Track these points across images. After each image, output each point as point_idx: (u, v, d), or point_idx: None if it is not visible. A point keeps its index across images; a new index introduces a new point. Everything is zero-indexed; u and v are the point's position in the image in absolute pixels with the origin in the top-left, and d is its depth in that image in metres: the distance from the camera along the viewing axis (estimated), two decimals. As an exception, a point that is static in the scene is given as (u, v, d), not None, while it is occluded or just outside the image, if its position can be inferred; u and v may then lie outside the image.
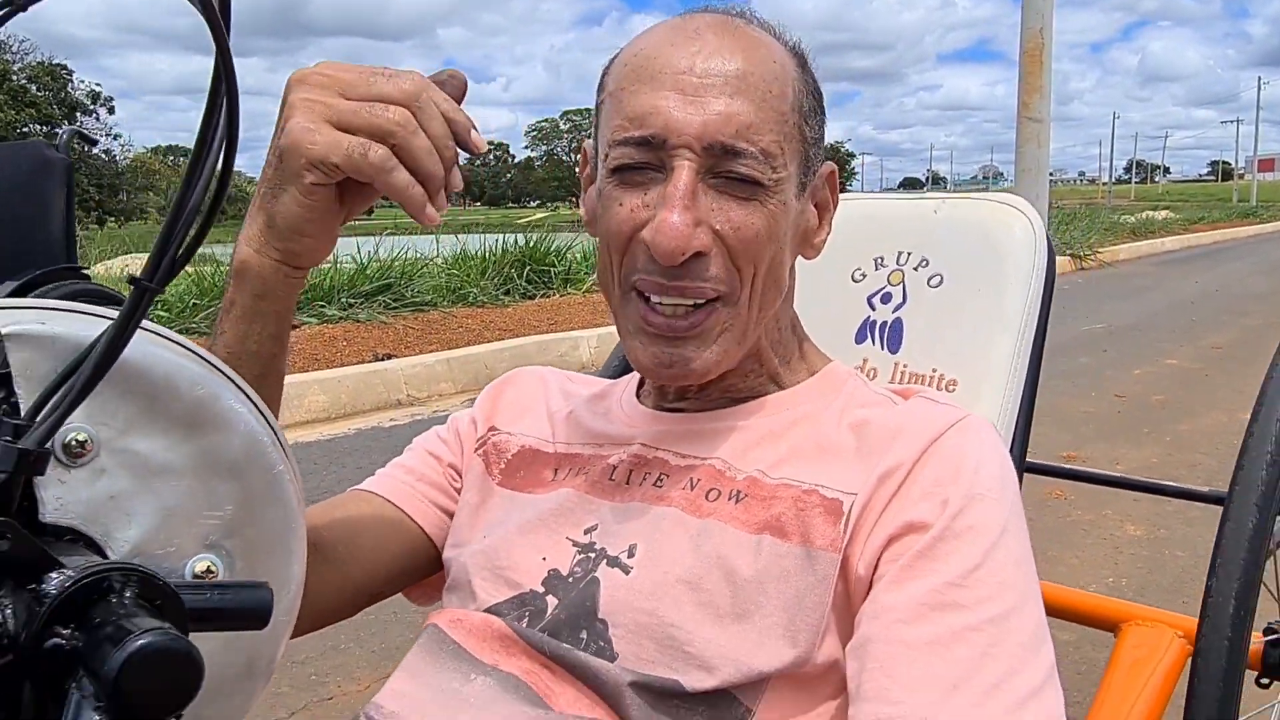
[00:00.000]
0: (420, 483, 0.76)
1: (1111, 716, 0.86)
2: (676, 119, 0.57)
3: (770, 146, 0.59)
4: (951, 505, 0.56)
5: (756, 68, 0.60)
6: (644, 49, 0.61)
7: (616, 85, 0.61)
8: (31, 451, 0.41)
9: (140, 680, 0.35)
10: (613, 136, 0.60)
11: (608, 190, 0.61)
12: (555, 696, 0.57)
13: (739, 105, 0.58)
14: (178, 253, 0.45)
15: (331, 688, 1.77)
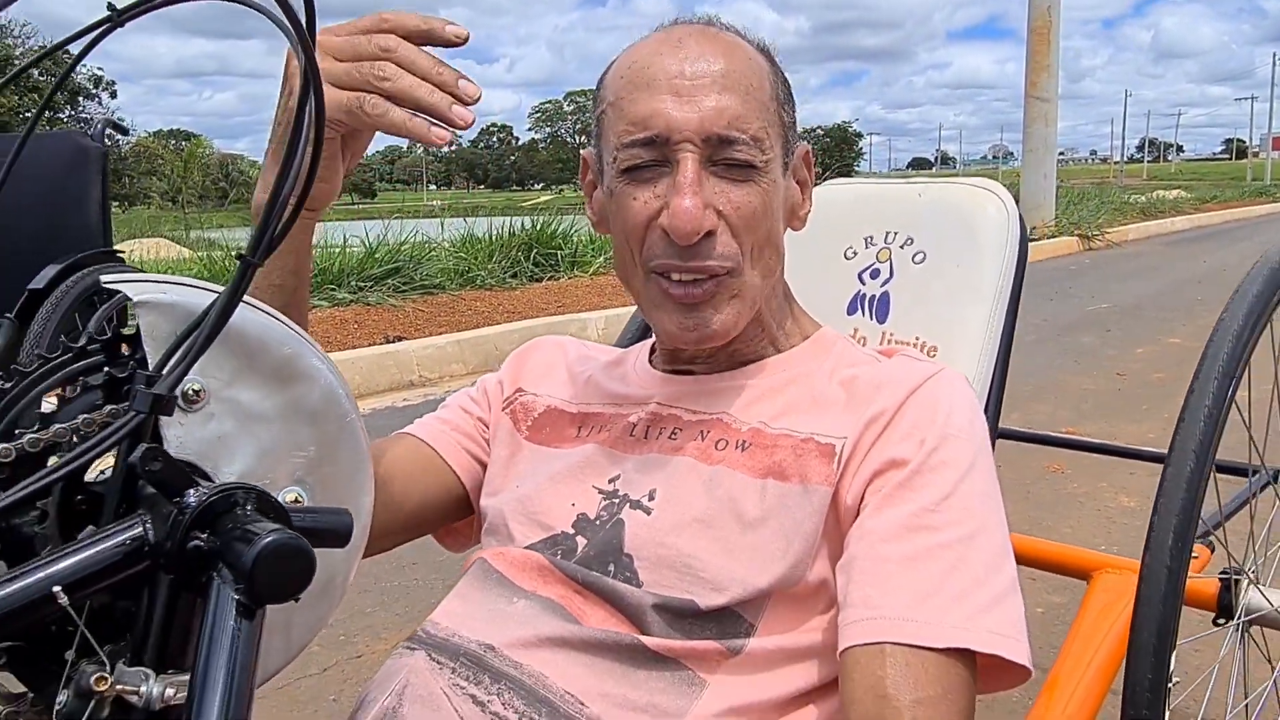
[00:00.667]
0: (455, 432, 0.85)
1: (1080, 654, 0.95)
2: (676, 118, 0.66)
3: (758, 132, 0.67)
4: (927, 444, 0.65)
5: (737, 66, 0.68)
6: (636, 60, 0.69)
7: (616, 95, 0.69)
8: (163, 397, 0.51)
9: (269, 570, 0.45)
10: (619, 141, 0.68)
11: (620, 189, 0.69)
12: (587, 616, 0.66)
13: (727, 100, 0.66)
14: (273, 234, 0.54)
15: (360, 646, 1.88)
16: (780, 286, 0.78)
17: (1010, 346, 0.89)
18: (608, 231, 0.74)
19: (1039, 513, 2.66)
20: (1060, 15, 10.50)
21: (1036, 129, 10.62)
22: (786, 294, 0.79)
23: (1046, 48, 10.43)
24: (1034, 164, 10.70)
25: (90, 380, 0.55)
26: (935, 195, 0.95)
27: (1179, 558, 0.71)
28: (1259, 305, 0.79)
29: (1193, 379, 0.76)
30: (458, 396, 0.89)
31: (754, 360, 0.76)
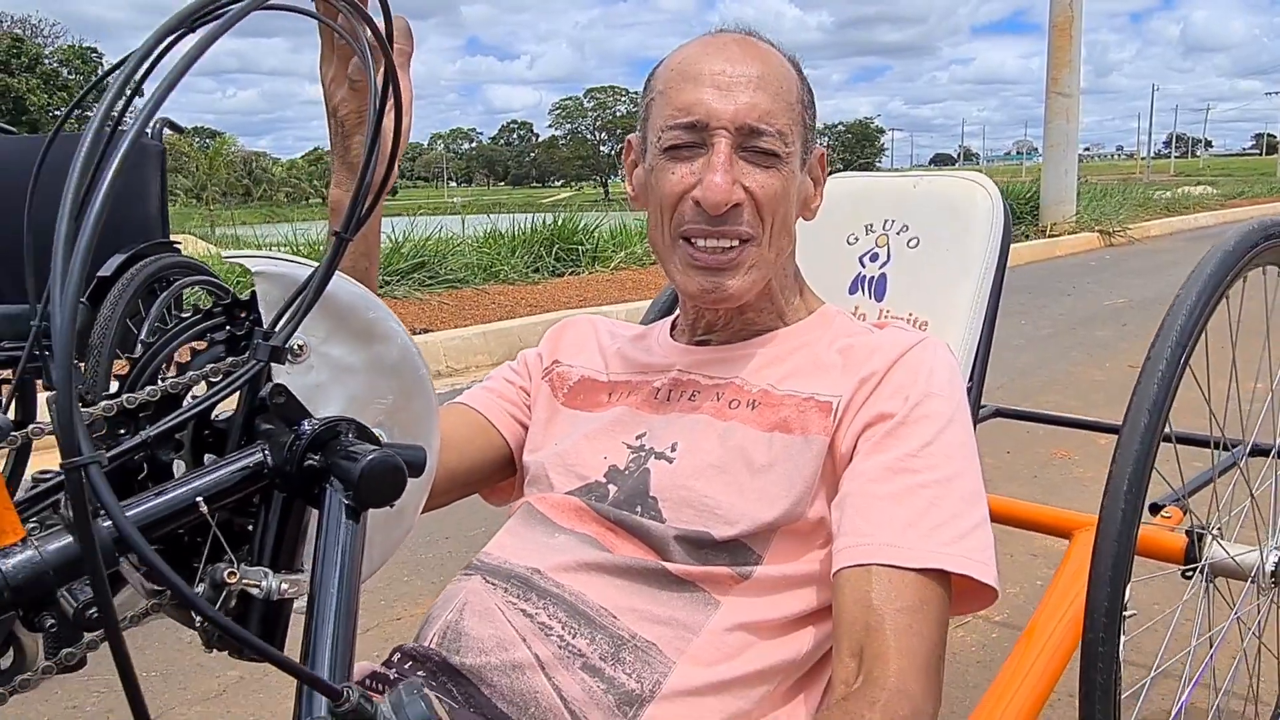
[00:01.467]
0: (500, 399, 0.96)
1: (1057, 606, 1.04)
2: (715, 108, 0.77)
3: (783, 128, 0.78)
4: (911, 400, 0.75)
5: (771, 71, 0.79)
6: (686, 57, 0.81)
7: (665, 85, 0.81)
8: (279, 348, 0.62)
9: (372, 480, 0.56)
10: (665, 124, 0.79)
11: (660, 164, 0.80)
12: (618, 547, 0.77)
13: (760, 97, 0.77)
14: (361, 214, 0.66)
15: (399, 610, 2.01)
16: (791, 267, 0.89)
17: (994, 320, 1.00)
18: (643, 206, 0.85)
19: (1046, 496, 2.73)
20: (1082, 10, 10.46)
21: (1058, 124, 10.59)
22: (796, 274, 0.90)
23: (1068, 43, 10.41)
24: (1055, 160, 10.68)
25: (215, 337, 0.67)
26: (928, 187, 1.06)
27: (1131, 508, 0.81)
28: (1212, 283, 0.88)
29: (1151, 346, 0.86)
30: (500, 370, 1.01)
31: (764, 332, 0.87)
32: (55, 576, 0.53)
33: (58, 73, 41.57)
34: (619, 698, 0.68)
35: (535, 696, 0.69)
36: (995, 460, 2.90)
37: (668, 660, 0.70)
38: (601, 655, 0.70)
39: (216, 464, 0.62)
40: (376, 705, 0.42)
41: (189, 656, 1.78)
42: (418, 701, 0.42)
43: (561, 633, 0.71)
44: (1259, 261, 0.98)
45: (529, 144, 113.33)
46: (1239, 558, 1.03)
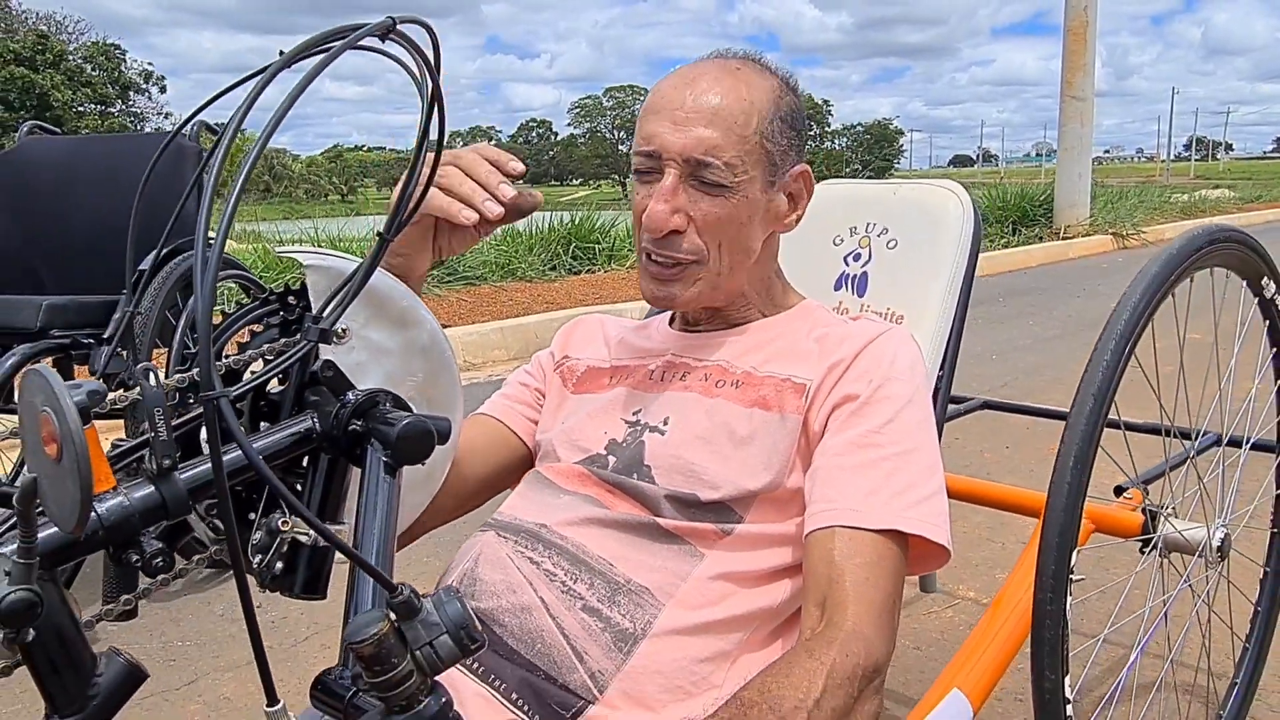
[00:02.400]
0: (517, 403, 1.06)
1: (1023, 578, 1.13)
2: (667, 141, 0.86)
3: (731, 159, 0.86)
4: (874, 382, 0.85)
5: (731, 105, 0.87)
6: (661, 88, 0.90)
7: (642, 112, 0.91)
8: (327, 331, 0.73)
9: (407, 441, 0.67)
10: (635, 148, 0.90)
11: (634, 184, 0.91)
12: (615, 505, 0.88)
13: (709, 133, 0.85)
14: (402, 218, 0.76)
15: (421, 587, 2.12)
16: (770, 269, 0.98)
17: (965, 314, 1.09)
18: None
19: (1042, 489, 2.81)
20: (1097, 14, 10.46)
21: (1072, 128, 10.61)
22: (777, 274, 1.00)
23: (1083, 47, 10.41)
24: (1069, 163, 10.69)
25: (271, 321, 0.78)
26: (906, 193, 1.16)
27: (1076, 488, 0.91)
28: (1155, 282, 0.98)
29: (1099, 338, 0.96)
30: (515, 374, 1.10)
31: (746, 323, 0.97)
32: (140, 520, 0.64)
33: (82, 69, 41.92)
34: (614, 635, 0.78)
35: (540, 634, 0.79)
36: (994, 455, 2.98)
37: (658, 603, 0.80)
38: (599, 598, 0.80)
39: (272, 430, 0.73)
40: (423, 601, 0.52)
41: (221, 628, 1.89)
42: (455, 602, 0.52)
43: (564, 579, 0.81)
44: (1205, 264, 1.07)
45: (548, 142, 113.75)
46: (1188, 534, 1.12)
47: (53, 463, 0.52)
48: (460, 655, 0.51)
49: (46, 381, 0.52)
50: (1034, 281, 7.50)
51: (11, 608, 0.54)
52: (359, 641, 0.51)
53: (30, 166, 2.39)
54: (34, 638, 0.56)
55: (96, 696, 0.60)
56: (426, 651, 0.51)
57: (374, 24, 0.59)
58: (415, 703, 0.52)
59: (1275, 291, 1.21)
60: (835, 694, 0.66)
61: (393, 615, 0.52)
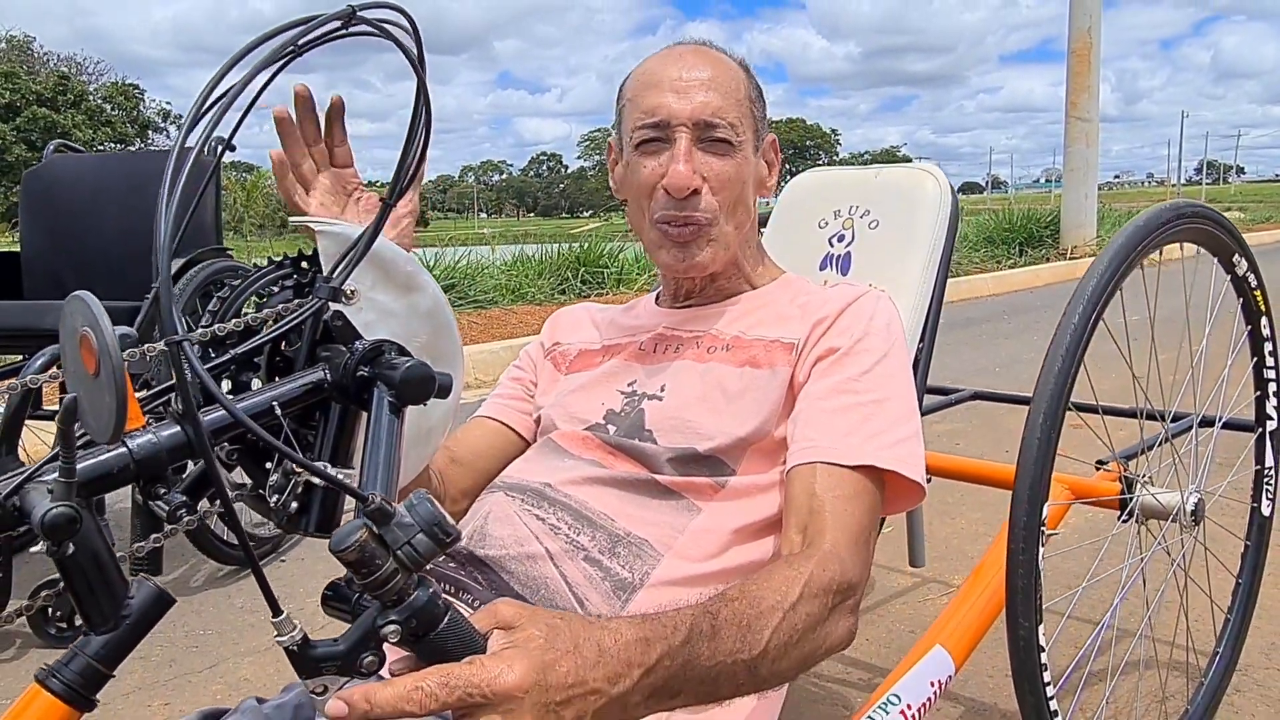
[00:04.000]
0: (511, 400, 1.11)
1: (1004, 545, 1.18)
2: (675, 108, 0.92)
3: (734, 120, 0.94)
4: (854, 336, 0.91)
5: (720, 74, 0.95)
6: (648, 68, 0.97)
7: (633, 93, 0.97)
8: (338, 289, 0.79)
9: (410, 382, 0.72)
10: (635, 124, 0.95)
11: (634, 160, 0.96)
12: (616, 466, 0.92)
13: (712, 96, 0.93)
14: (403, 185, 0.82)
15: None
16: (754, 240, 1.04)
17: (945, 286, 1.15)
18: (625, 195, 1.01)
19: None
20: (1100, 37, 10.57)
21: (1077, 149, 10.68)
22: (760, 247, 1.06)
23: (1087, 69, 10.51)
24: (1075, 184, 10.76)
25: (285, 284, 0.84)
26: (887, 177, 1.22)
27: (1048, 431, 0.95)
28: (1122, 253, 1.02)
29: (1066, 306, 1.01)
30: (506, 372, 1.16)
31: (734, 295, 1.02)
32: (168, 456, 0.69)
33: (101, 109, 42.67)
34: (614, 584, 0.83)
35: (545, 581, 0.84)
36: (994, 458, 3.00)
37: (657, 554, 0.85)
38: (600, 549, 0.85)
39: (286, 380, 0.78)
40: (396, 507, 0.57)
41: (241, 619, 1.94)
42: (425, 503, 0.57)
43: (568, 532, 0.86)
44: (1174, 238, 1.12)
45: (558, 175, 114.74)
46: (1163, 498, 1.16)
47: (91, 378, 0.58)
48: (437, 549, 0.56)
49: (86, 305, 0.59)
50: (1040, 300, 7.53)
51: (54, 521, 0.59)
52: (342, 549, 0.56)
53: (58, 181, 2.49)
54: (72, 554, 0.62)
55: (129, 616, 0.66)
56: (406, 550, 0.56)
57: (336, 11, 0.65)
58: (405, 596, 0.57)
59: (1247, 269, 1.25)
60: (810, 602, 0.71)
61: (369, 523, 0.57)
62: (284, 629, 0.64)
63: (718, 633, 0.64)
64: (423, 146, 0.82)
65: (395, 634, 0.60)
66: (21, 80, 37.66)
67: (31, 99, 37.56)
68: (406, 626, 0.60)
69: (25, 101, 37.23)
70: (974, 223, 11.54)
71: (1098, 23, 10.63)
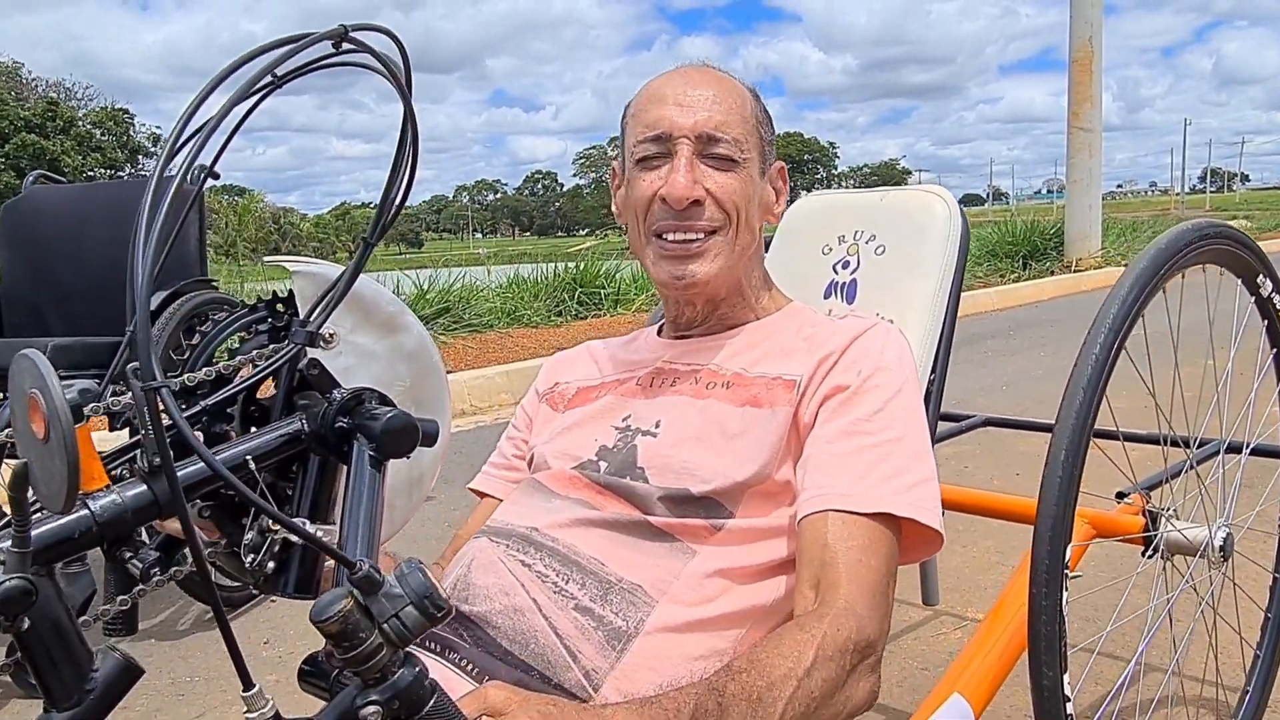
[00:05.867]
0: (505, 472, 1.05)
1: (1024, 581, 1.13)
2: (677, 121, 0.89)
3: (739, 136, 0.90)
4: (863, 373, 0.86)
5: (725, 93, 0.92)
6: (651, 86, 0.94)
7: (635, 110, 0.94)
8: (314, 333, 0.74)
9: (392, 435, 0.67)
10: (636, 139, 0.92)
11: (634, 176, 0.92)
12: (606, 507, 0.87)
13: (716, 111, 0.90)
14: (385, 222, 0.78)
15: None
16: (759, 268, 1.00)
17: (955, 314, 1.10)
18: (627, 219, 0.97)
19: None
20: (1102, 46, 10.54)
21: (1080, 160, 10.63)
22: (765, 275, 1.01)
23: (1089, 79, 10.47)
24: (1078, 195, 10.70)
25: (259, 328, 0.79)
26: (893, 200, 1.17)
27: (1069, 466, 0.90)
28: (1144, 277, 0.98)
29: (1085, 335, 0.96)
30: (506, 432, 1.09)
31: (737, 325, 0.97)
32: (134, 518, 0.64)
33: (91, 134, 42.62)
34: (608, 634, 0.78)
35: (535, 635, 0.79)
36: (1005, 481, 2.95)
37: (651, 600, 0.79)
38: (591, 597, 0.80)
39: (262, 431, 0.73)
40: (385, 576, 0.52)
41: (229, 665, 1.88)
42: (417, 573, 0.52)
43: (556, 579, 0.81)
44: (1197, 260, 1.08)
45: (553, 193, 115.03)
46: (1189, 533, 1.11)
47: (41, 443, 0.53)
48: (427, 624, 0.51)
49: (34, 364, 0.53)
50: (1045, 314, 7.49)
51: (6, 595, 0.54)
52: (324, 620, 0.51)
53: (38, 213, 2.44)
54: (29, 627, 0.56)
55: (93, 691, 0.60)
56: (394, 624, 0.51)
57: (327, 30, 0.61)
58: (389, 674, 0.52)
59: (1272, 290, 1.21)
60: (826, 666, 0.66)
61: (355, 591, 0.52)
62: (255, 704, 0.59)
63: (725, 711, 0.59)
64: (409, 179, 0.77)
65: (376, 716, 0.54)
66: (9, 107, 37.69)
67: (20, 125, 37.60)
68: (388, 708, 0.55)
69: (13, 128, 37.27)
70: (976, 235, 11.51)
71: (1099, 32, 10.61)
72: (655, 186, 0.90)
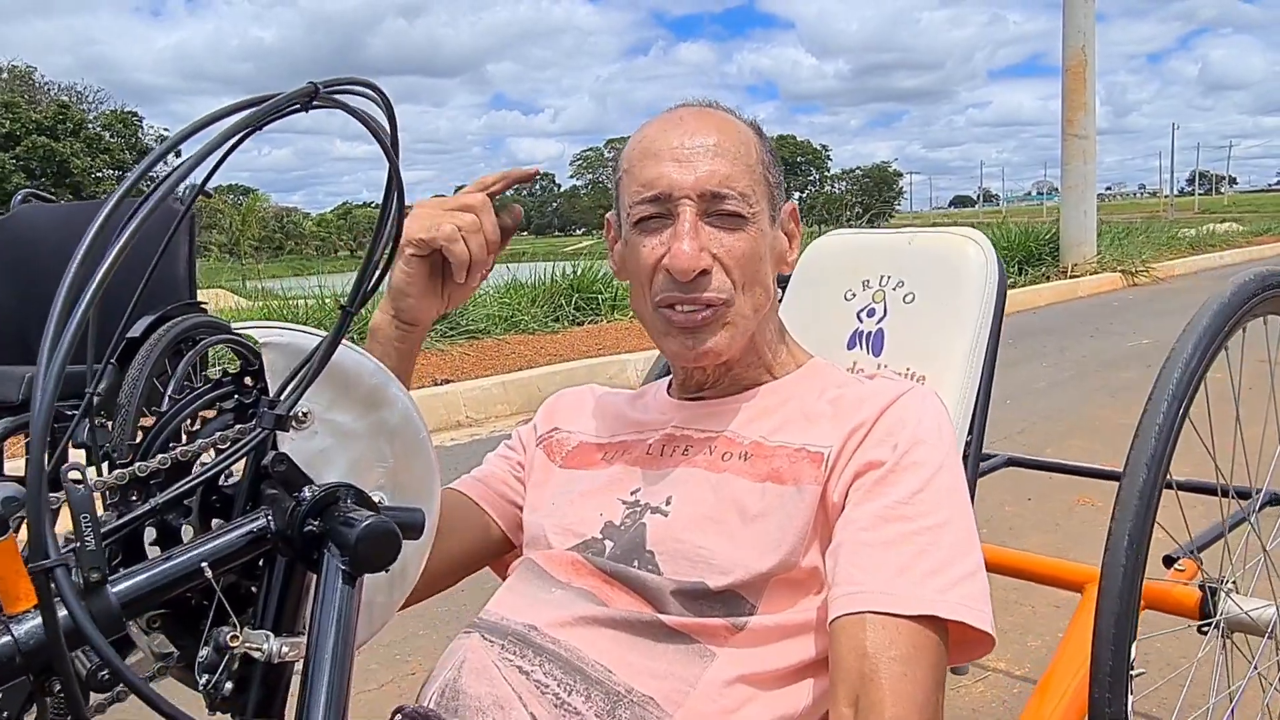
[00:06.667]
0: (493, 481, 0.98)
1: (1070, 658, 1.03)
2: (676, 179, 0.80)
3: (745, 190, 0.81)
4: (900, 447, 0.76)
5: (727, 138, 0.82)
6: (646, 135, 0.85)
7: (629, 164, 0.85)
8: (283, 417, 0.65)
9: (367, 546, 0.58)
10: (633, 199, 0.83)
11: (633, 239, 0.84)
12: (614, 601, 0.78)
13: (719, 164, 0.81)
14: (368, 287, 0.68)
15: (413, 665, 2.01)
16: (775, 323, 0.90)
17: (993, 372, 1.01)
18: (626, 278, 0.87)
19: (1069, 545, 2.69)
20: (1095, 53, 10.53)
21: (1075, 166, 10.62)
22: (780, 329, 0.92)
23: (1082, 86, 10.46)
24: (1073, 201, 10.68)
25: (224, 406, 0.70)
26: (922, 243, 1.08)
27: (1132, 565, 0.81)
28: (1208, 335, 0.89)
29: (1148, 400, 0.87)
30: (497, 450, 1.03)
31: (753, 386, 0.88)
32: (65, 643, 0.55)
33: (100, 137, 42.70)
34: None
35: None
36: (1016, 508, 2.86)
37: (665, 715, 0.70)
38: (597, 712, 0.70)
39: (222, 529, 0.64)
40: None
41: None
42: None
43: (557, 690, 0.72)
44: (1257, 312, 0.99)
45: (551, 194, 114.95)
46: (1254, 613, 1.01)
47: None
48: None
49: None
50: (1044, 322, 7.41)
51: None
52: None
53: (25, 234, 2.34)
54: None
55: None
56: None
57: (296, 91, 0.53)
58: None
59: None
60: None
61: None
62: None
63: None
64: (394, 241, 0.68)
65: None
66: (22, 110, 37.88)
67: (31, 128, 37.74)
68: None
69: (25, 130, 37.42)
70: (972, 241, 11.42)
71: (1092, 39, 10.59)
72: (657, 254, 0.82)
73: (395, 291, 0.84)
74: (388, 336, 0.86)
